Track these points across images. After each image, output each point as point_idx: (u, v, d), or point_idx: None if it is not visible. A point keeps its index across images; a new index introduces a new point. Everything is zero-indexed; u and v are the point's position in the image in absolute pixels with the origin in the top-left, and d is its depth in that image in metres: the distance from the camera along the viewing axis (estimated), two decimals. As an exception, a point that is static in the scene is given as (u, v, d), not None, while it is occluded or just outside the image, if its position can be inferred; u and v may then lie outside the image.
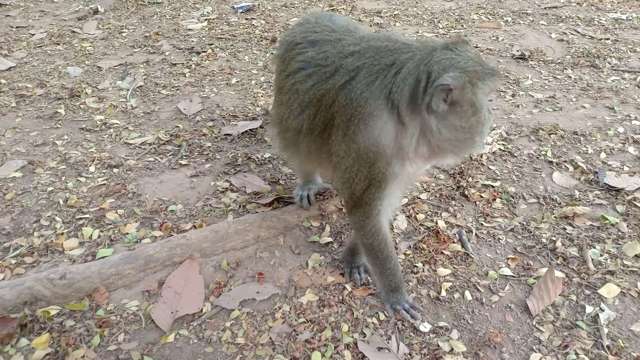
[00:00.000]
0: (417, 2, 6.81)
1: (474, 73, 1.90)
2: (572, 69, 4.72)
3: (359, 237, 2.38)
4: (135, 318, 2.41)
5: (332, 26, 2.54)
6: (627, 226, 2.85)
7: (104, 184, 3.27)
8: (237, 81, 4.61)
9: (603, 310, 2.38)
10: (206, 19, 6.25)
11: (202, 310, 2.45)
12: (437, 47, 1.98)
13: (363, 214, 2.25)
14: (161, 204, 3.09)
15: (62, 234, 2.87)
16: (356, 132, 2.10)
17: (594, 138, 3.64)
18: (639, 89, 4.33)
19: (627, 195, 3.05)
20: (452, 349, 2.25)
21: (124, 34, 5.85)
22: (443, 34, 5.67)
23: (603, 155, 3.45)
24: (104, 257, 2.69)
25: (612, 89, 4.33)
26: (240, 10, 6.52)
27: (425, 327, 2.35)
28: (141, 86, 4.56)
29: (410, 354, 2.24)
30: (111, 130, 3.88)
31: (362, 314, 2.44)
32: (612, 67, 4.74)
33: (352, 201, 2.26)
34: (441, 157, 2.15)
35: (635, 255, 2.66)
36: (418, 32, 5.72)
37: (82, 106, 4.23)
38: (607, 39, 5.35)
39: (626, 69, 4.69)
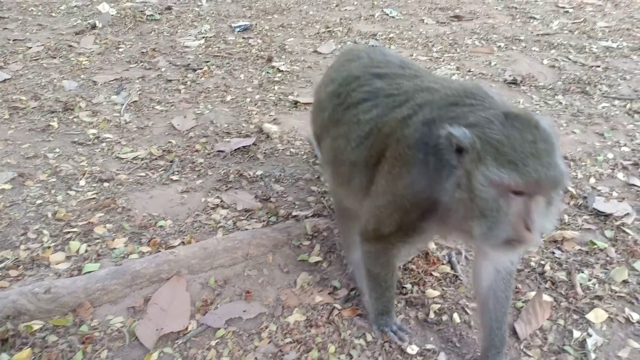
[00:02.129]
0: (412, 26, 6.91)
1: (492, 150, 1.63)
2: (563, 95, 4.78)
3: (367, 264, 2.29)
4: (120, 335, 2.37)
5: (394, 60, 2.45)
6: (616, 251, 2.86)
7: (94, 198, 3.25)
8: (232, 98, 4.64)
9: (591, 336, 2.37)
10: (203, 37, 6.30)
11: (187, 328, 2.42)
12: (498, 108, 1.75)
13: (381, 249, 2.17)
14: (150, 220, 3.07)
15: (49, 247, 2.85)
16: (398, 175, 1.96)
17: (583, 163, 3.67)
18: (629, 116, 4.39)
19: (616, 220, 3.07)
20: (439, 372, 2.23)
21: (120, 50, 5.88)
22: (437, 57, 5.74)
23: (592, 180, 3.48)
24: (90, 271, 2.66)
25: (602, 115, 4.39)
26: (238, 30, 6.58)
27: (412, 349, 2.33)
28: (136, 101, 4.57)
29: (396, 377, 2.22)
30: (103, 144, 3.87)
31: (350, 334, 2.41)
32: (603, 93, 4.80)
33: (373, 234, 2.15)
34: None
35: (623, 281, 2.67)
36: (412, 55, 5.79)
37: (75, 120, 4.23)
38: (598, 66, 5.44)
39: (616, 95, 4.76)
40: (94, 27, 6.59)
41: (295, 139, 4.00)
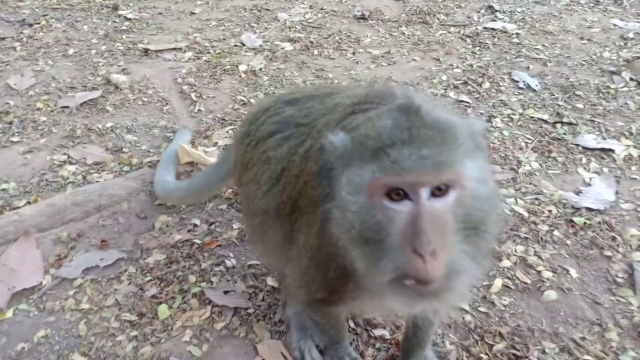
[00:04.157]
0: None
1: (360, 148, 1.27)
2: (406, 26, 5.11)
3: (310, 313, 1.96)
4: (-34, 300, 2.29)
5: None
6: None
7: None
8: (75, 52, 4.36)
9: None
10: (39, -11, 5.75)
11: (42, 284, 2.40)
12: (392, 105, 1.34)
13: (320, 301, 1.73)
14: (-9, 184, 2.91)
15: None
16: (312, 222, 1.56)
17: (421, 86, 4.03)
18: (462, 41, 4.83)
19: (445, 133, 3.46)
20: (292, 283, 2.44)
21: (-61, 7, 5.21)
22: (291, -3, 5.80)
23: (428, 100, 3.85)
24: None
25: (439, 42, 4.78)
26: (79, -22, 6.07)
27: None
28: (-37, 63, 4.14)
29: (254, 292, 2.40)
30: None
31: (210, 264, 2.54)
32: (441, 22, 5.21)
33: (309, 303, 1.78)
34: None
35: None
36: (267, -4, 5.79)
37: None
38: (438, -3, 5.85)
39: (452, 23, 5.18)
40: None
41: (148, 88, 3.91)
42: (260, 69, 4.20)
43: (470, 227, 1.23)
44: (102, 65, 4.15)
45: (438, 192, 1.19)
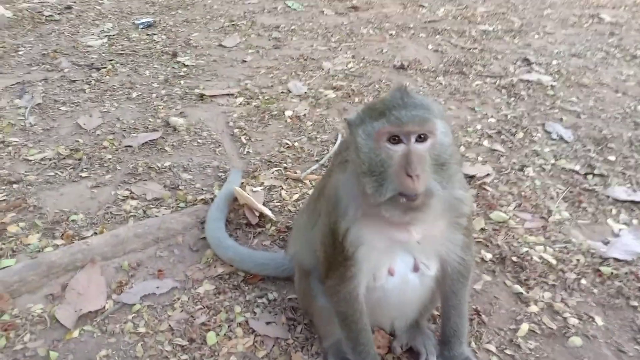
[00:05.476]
0: (312, 18, 7.29)
1: (369, 111, 1.90)
2: (443, 76, 5.37)
3: (332, 304, 2.23)
4: (41, 319, 2.59)
5: None
6: (477, 206, 3.41)
7: (5, 200, 3.36)
8: (138, 95, 4.80)
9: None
10: (106, 36, 6.33)
11: (105, 307, 2.67)
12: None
13: (335, 283, 2.12)
14: (62, 215, 3.24)
15: (-38, 249, 2.96)
16: (325, 184, 2.24)
17: (456, 134, 4.24)
18: (497, 92, 5.03)
19: (478, 180, 3.63)
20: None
21: (20, 52, 5.80)
22: (335, 47, 6.17)
23: (462, 148, 4.04)
24: (6, 266, 2.82)
25: (475, 92, 5.00)
26: (142, 26, 6.66)
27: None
28: (40, 104, 4.62)
29: (293, 325, 2.61)
30: (10, 148, 3.94)
31: (254, 296, 2.77)
32: (477, 73, 5.44)
33: (327, 262, 2.16)
34: None
35: (481, 229, 3.21)
36: (312, 46, 6.18)
37: (-23, 126, 4.24)
38: (475, 48, 6.10)
39: (488, 74, 5.41)
40: (-12, 30, 6.40)
41: (202, 130, 4.26)
42: (305, 115, 4.51)
43: (438, 164, 1.81)
44: (162, 108, 4.55)
45: (420, 139, 1.78)
